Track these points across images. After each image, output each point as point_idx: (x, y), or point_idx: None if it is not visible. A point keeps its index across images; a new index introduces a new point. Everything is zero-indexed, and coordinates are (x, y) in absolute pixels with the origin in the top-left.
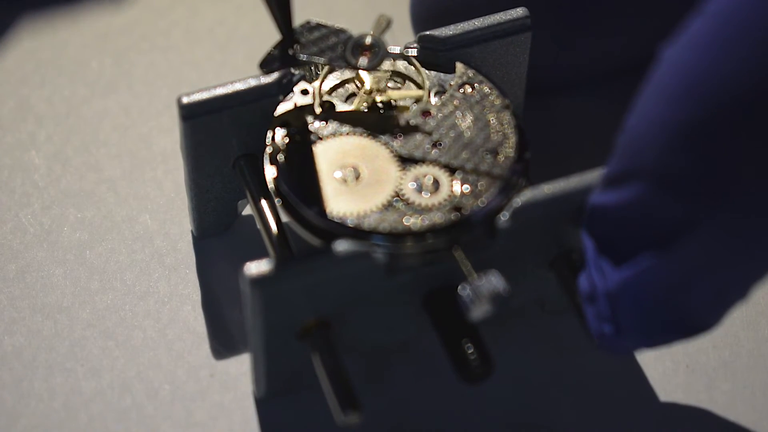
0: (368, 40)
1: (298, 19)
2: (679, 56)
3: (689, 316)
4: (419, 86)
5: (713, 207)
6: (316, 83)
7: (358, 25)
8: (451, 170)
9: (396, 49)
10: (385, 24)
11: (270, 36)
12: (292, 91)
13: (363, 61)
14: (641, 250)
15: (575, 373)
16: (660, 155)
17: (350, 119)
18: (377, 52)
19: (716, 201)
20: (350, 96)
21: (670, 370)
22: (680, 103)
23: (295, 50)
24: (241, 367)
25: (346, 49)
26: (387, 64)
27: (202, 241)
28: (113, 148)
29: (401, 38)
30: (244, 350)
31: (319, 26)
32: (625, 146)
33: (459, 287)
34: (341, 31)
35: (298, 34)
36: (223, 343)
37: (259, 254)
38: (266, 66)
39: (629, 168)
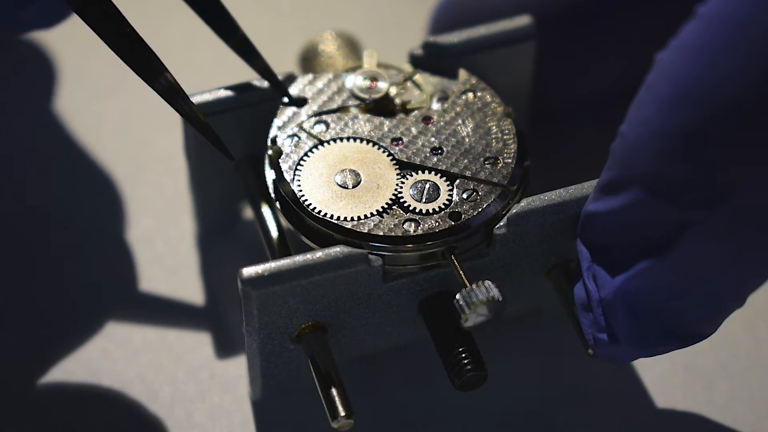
0: (370, 75)
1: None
2: (672, 61)
3: (684, 324)
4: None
5: (706, 213)
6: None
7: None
8: (451, 177)
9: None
10: (375, 58)
11: (270, 37)
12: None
13: (371, 92)
14: (635, 257)
15: (573, 376)
16: (653, 161)
17: (351, 124)
18: (381, 84)
19: (709, 207)
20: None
21: (668, 371)
22: (673, 108)
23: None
24: (240, 368)
25: (351, 86)
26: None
27: (202, 243)
28: (113, 150)
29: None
30: (244, 352)
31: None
32: (619, 153)
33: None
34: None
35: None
36: (222, 345)
37: (259, 256)
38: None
39: (623, 175)
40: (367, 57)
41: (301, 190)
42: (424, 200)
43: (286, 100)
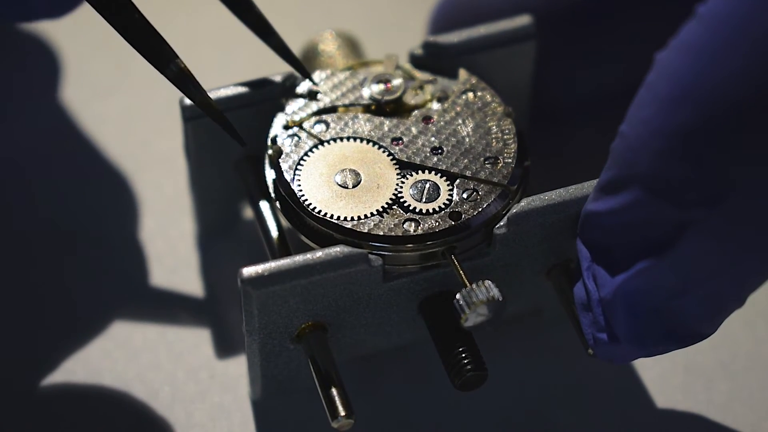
0: (385, 78)
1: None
2: (672, 60)
3: (684, 324)
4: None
5: (706, 213)
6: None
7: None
8: (451, 177)
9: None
10: (395, 62)
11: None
12: (295, 93)
13: (385, 94)
14: (635, 257)
15: (573, 376)
16: (653, 161)
17: (351, 123)
18: (396, 87)
19: (709, 207)
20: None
21: (669, 371)
22: (673, 108)
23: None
24: (240, 368)
25: (366, 87)
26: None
27: (202, 242)
28: (114, 150)
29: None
30: (244, 352)
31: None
32: (618, 152)
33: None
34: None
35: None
36: (222, 345)
37: (259, 256)
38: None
39: (623, 174)
40: (386, 61)
41: (301, 190)
42: (424, 200)
43: (298, 91)
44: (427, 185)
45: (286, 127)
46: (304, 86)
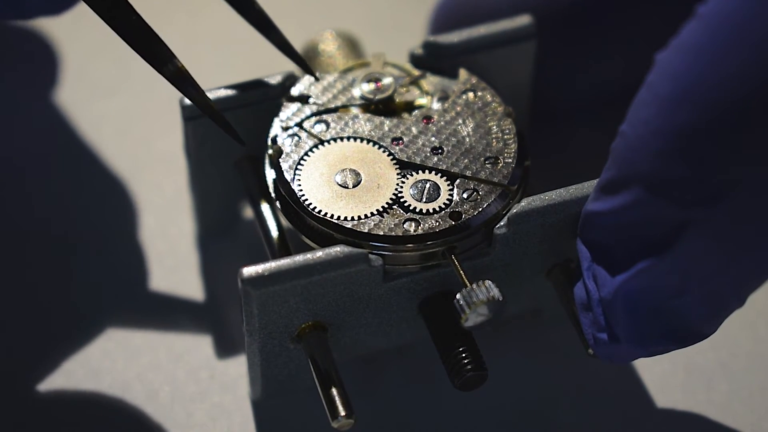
0: (375, 77)
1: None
2: (672, 61)
3: (684, 324)
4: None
5: (706, 212)
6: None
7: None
8: (451, 177)
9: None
10: (383, 60)
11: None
12: (291, 96)
13: (377, 93)
14: (636, 256)
15: (573, 376)
16: (653, 161)
17: (351, 123)
18: (387, 85)
19: (709, 206)
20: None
21: (669, 371)
22: (673, 108)
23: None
24: (240, 368)
25: (356, 87)
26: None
27: (202, 242)
28: (114, 149)
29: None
30: (244, 352)
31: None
32: (619, 152)
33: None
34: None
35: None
36: (222, 345)
37: (259, 256)
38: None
39: (624, 174)
40: (374, 60)
41: (301, 190)
42: (424, 200)
43: (292, 94)
44: (428, 185)
45: (285, 129)
46: (296, 90)
